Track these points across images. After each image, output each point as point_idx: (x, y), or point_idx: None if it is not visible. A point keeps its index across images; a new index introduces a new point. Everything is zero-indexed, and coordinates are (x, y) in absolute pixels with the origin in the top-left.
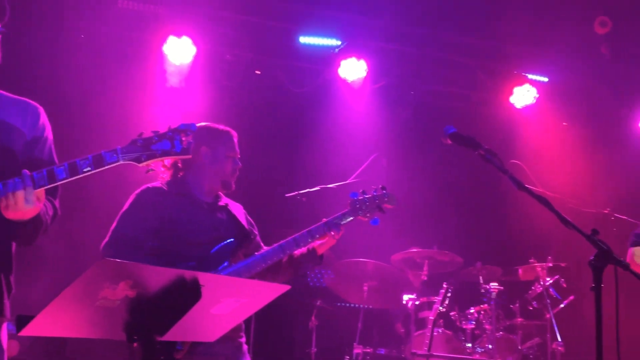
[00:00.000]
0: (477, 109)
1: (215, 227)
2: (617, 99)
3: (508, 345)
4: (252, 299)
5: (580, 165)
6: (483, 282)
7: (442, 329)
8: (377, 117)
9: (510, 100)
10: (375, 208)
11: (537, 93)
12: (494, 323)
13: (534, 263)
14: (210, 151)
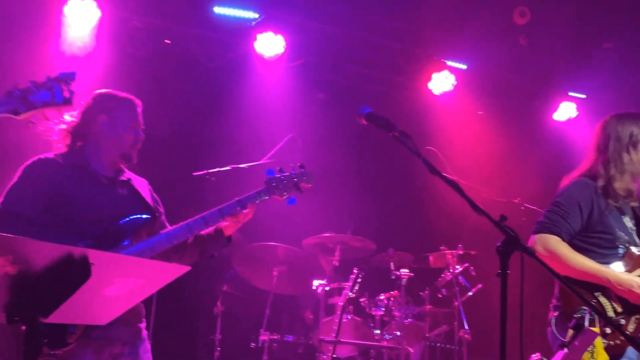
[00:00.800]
0: (396, 93)
1: (115, 203)
2: (533, 90)
3: (416, 333)
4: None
5: (494, 154)
6: (394, 268)
7: (351, 315)
8: (293, 96)
9: (429, 86)
10: (293, 187)
11: (455, 80)
12: (403, 310)
13: (444, 250)
14: (109, 120)
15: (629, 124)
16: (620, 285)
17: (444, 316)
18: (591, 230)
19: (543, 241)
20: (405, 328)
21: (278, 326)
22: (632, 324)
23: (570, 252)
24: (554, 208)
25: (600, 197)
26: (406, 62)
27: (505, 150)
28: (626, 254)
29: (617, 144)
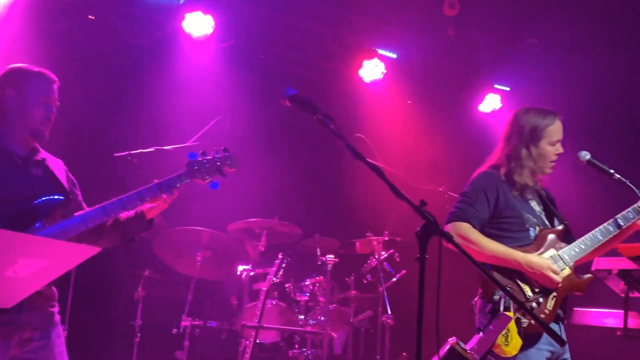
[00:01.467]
0: (326, 79)
1: (28, 183)
2: (460, 81)
3: (340, 318)
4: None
5: (421, 143)
6: (320, 254)
7: (275, 300)
8: (222, 78)
9: (360, 73)
10: (215, 171)
11: (385, 69)
12: (328, 295)
13: (370, 237)
14: (17, 94)
15: (535, 119)
16: (530, 267)
17: (369, 301)
18: (500, 216)
19: (455, 229)
20: (330, 313)
21: (201, 312)
22: (550, 300)
23: (481, 237)
24: (462, 198)
25: (505, 185)
26: (337, 48)
27: (432, 139)
28: (538, 235)
29: (519, 138)
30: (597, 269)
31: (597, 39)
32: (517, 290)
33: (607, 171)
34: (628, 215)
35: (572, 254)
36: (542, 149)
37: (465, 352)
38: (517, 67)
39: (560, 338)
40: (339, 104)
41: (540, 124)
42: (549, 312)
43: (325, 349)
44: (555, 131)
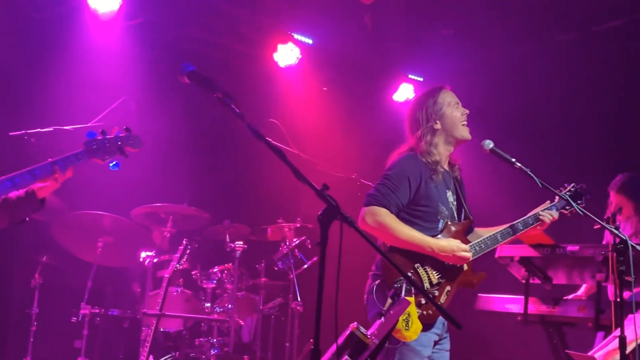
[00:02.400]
0: (240, 62)
1: None
2: (375, 69)
3: (249, 305)
4: None
5: (335, 130)
6: (229, 240)
7: (180, 288)
8: (129, 57)
9: (274, 57)
10: (116, 150)
11: (300, 54)
12: (236, 282)
13: (282, 223)
14: None
15: (428, 96)
16: (442, 251)
17: (279, 289)
18: (416, 203)
19: (372, 213)
20: (238, 301)
21: (102, 300)
22: (444, 295)
23: (397, 223)
24: (384, 181)
25: (427, 171)
26: (252, 30)
27: (347, 127)
28: (445, 228)
29: (422, 118)
30: (500, 256)
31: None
32: (416, 280)
33: (509, 160)
34: (528, 221)
35: (472, 252)
36: (446, 115)
37: (365, 337)
38: (430, 58)
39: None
40: (252, 88)
41: (433, 97)
42: (441, 305)
43: (232, 337)
44: (448, 95)
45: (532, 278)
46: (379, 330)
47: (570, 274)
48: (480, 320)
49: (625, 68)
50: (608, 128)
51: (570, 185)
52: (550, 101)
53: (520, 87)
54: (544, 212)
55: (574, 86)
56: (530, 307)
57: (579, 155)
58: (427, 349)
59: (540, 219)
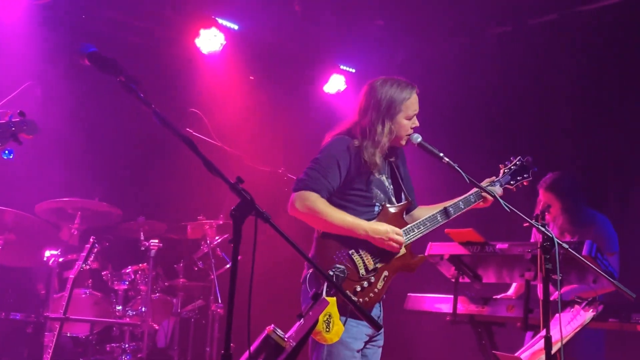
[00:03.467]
0: (159, 47)
1: None
2: (305, 59)
3: (165, 308)
4: None
5: (262, 122)
6: (144, 238)
7: (89, 290)
8: (35, 40)
9: (196, 43)
10: (9, 137)
11: (224, 40)
12: (150, 284)
13: (202, 220)
14: None
15: (392, 92)
16: (376, 234)
17: (199, 290)
18: (349, 187)
19: (302, 198)
20: (153, 303)
21: (2, 302)
22: (380, 281)
23: (328, 207)
24: (313, 165)
25: (358, 156)
26: (172, 13)
27: (274, 118)
28: (381, 211)
29: (375, 113)
30: (430, 254)
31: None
32: (351, 268)
33: (437, 154)
34: (470, 199)
35: (411, 233)
36: (398, 124)
37: (282, 341)
38: (363, 49)
39: (378, 325)
40: (173, 75)
41: (397, 98)
42: (378, 292)
43: (146, 342)
44: (412, 104)
45: (461, 277)
46: (297, 332)
47: (500, 272)
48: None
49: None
50: (541, 124)
51: (516, 159)
52: (484, 95)
53: (455, 80)
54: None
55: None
56: (460, 307)
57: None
58: (358, 342)
59: (482, 195)
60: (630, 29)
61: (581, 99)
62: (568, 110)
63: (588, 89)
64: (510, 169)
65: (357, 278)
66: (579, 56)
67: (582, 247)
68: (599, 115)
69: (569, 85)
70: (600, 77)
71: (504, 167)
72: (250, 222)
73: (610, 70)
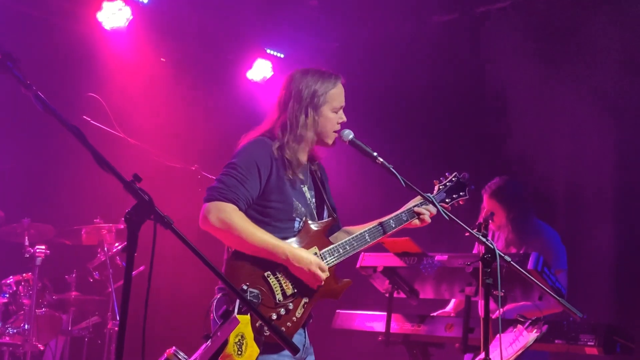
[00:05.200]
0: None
1: None
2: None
3: (52, 325)
4: None
5: (174, 111)
6: (29, 244)
7: None
8: None
9: (98, 17)
10: None
11: (131, 14)
12: (35, 297)
13: (99, 223)
14: None
15: (314, 82)
16: (298, 262)
17: (94, 305)
18: (267, 198)
19: (216, 210)
20: (38, 320)
21: None
22: (299, 309)
23: (247, 223)
24: (229, 171)
25: (279, 162)
26: None
27: (189, 107)
28: (302, 228)
29: (297, 104)
30: (362, 266)
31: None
32: (267, 293)
33: (370, 154)
34: (401, 217)
35: (336, 254)
36: (323, 116)
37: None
38: (293, 32)
39: (295, 348)
40: (68, 53)
41: (320, 88)
42: (297, 320)
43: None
44: (338, 95)
45: (396, 292)
46: (203, 355)
47: (438, 287)
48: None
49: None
50: (489, 121)
51: (452, 175)
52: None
53: (394, 70)
54: (420, 207)
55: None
56: (394, 326)
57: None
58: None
59: (416, 211)
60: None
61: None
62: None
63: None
64: (446, 185)
65: (273, 304)
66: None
67: (528, 261)
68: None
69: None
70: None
71: (438, 183)
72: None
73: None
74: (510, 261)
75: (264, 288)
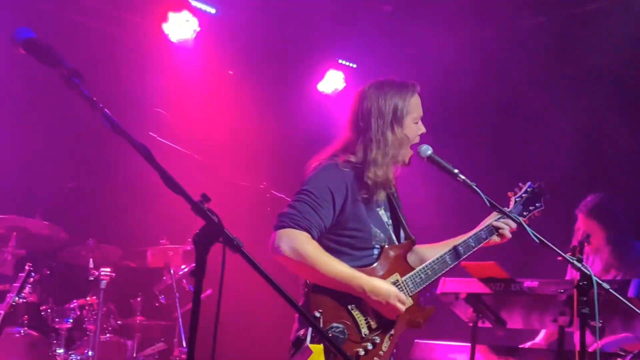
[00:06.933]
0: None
1: None
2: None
3: (117, 352)
4: None
5: (242, 126)
6: (93, 266)
7: (24, 328)
8: None
9: (164, 29)
10: None
11: (199, 26)
12: (100, 322)
13: (165, 245)
14: None
15: (392, 95)
16: (375, 295)
17: (160, 331)
18: (343, 227)
19: (289, 238)
20: (103, 346)
21: None
22: (386, 342)
23: (321, 253)
24: (302, 197)
25: (355, 186)
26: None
27: (257, 122)
28: (381, 254)
29: (380, 120)
30: (443, 292)
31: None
32: (352, 327)
33: (451, 171)
34: (481, 235)
35: (418, 280)
36: (407, 129)
37: None
38: (366, 41)
39: None
40: (134, 67)
41: (400, 100)
42: (384, 354)
43: None
44: (417, 105)
45: (481, 321)
46: None
47: (528, 316)
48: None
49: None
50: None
51: (526, 186)
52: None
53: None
54: (499, 222)
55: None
56: (478, 358)
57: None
58: None
59: (495, 225)
60: None
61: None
62: (614, 115)
63: None
64: (522, 197)
65: (359, 339)
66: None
67: (628, 288)
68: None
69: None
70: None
71: (513, 195)
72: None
73: None
74: (609, 289)
75: (348, 322)
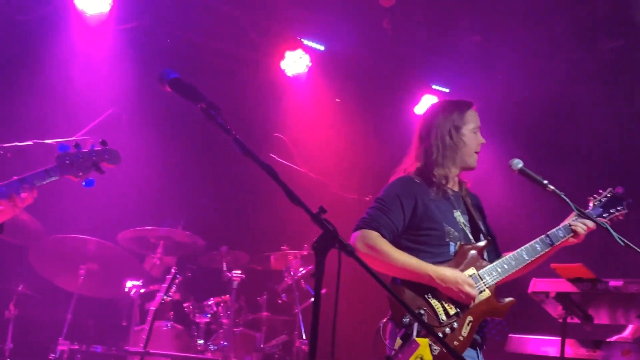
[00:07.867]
0: (243, 71)
1: None
2: (395, 79)
3: (247, 343)
4: None
5: (349, 147)
6: (226, 269)
7: (171, 322)
8: (120, 65)
9: (281, 65)
10: (91, 166)
11: (310, 61)
12: (233, 317)
13: (286, 250)
14: None
15: (450, 109)
16: (443, 282)
17: (283, 324)
18: (418, 227)
19: (363, 237)
20: (235, 337)
21: (83, 334)
22: (465, 327)
23: (390, 248)
24: (374, 205)
25: (423, 190)
26: (257, 35)
27: (362, 143)
28: (458, 251)
29: (439, 130)
30: (534, 291)
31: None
32: (430, 314)
33: (541, 182)
34: (558, 234)
35: (494, 274)
36: (465, 136)
37: None
38: (457, 67)
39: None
40: (257, 99)
41: (456, 112)
42: (464, 339)
43: None
44: (474, 117)
45: (570, 317)
46: None
47: (613, 312)
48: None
49: None
50: None
51: (606, 191)
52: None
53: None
54: (576, 222)
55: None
56: (568, 350)
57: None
58: None
59: (572, 229)
60: None
61: None
62: None
63: None
64: (601, 201)
65: (438, 324)
66: None
67: None
68: None
69: None
70: None
71: (593, 200)
72: (336, 254)
73: None
74: None
75: (426, 309)
